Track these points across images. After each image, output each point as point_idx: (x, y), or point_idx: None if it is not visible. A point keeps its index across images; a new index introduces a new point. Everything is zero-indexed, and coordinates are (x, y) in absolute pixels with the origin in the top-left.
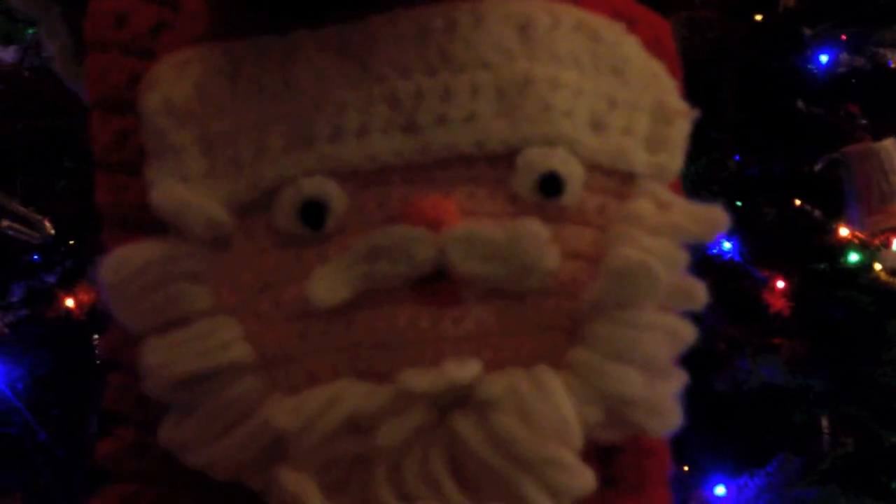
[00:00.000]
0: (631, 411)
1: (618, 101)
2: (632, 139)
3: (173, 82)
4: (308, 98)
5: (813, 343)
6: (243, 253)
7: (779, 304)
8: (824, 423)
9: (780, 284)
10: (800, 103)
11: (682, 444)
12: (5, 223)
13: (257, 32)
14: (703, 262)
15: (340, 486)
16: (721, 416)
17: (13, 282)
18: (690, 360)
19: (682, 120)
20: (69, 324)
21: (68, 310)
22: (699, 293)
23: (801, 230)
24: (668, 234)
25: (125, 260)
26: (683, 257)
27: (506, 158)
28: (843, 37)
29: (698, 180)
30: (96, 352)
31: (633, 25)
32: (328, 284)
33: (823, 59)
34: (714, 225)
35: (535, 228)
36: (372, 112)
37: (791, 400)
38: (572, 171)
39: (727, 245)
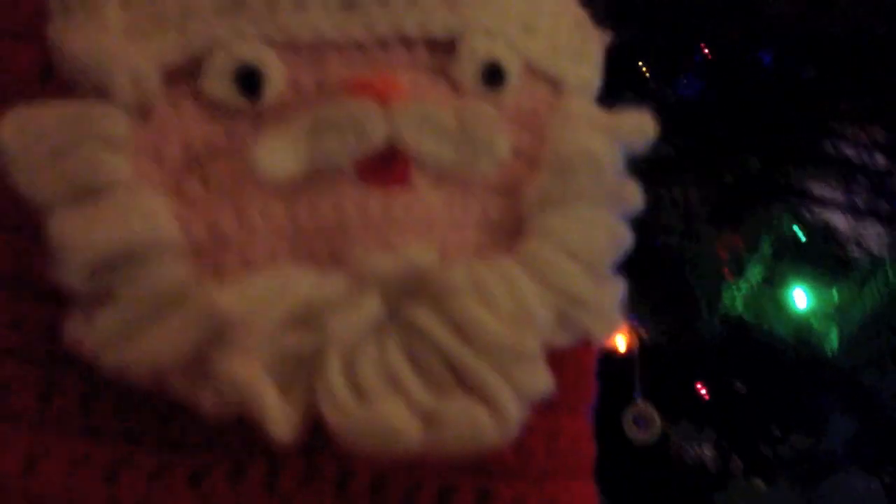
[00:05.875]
0: (580, 313)
1: (543, 7)
2: (559, 46)
3: None
4: None
5: None
6: (167, 124)
7: None
8: None
9: None
10: None
11: None
12: None
13: None
14: None
15: (284, 390)
16: None
17: None
18: None
19: (598, 38)
20: None
21: None
22: (634, 193)
23: None
24: (604, 131)
25: (30, 118)
26: (619, 157)
27: (446, 47)
28: None
29: None
30: None
31: None
32: (278, 156)
33: None
34: (644, 128)
35: (486, 109)
36: None
37: None
38: (513, 63)
39: None
